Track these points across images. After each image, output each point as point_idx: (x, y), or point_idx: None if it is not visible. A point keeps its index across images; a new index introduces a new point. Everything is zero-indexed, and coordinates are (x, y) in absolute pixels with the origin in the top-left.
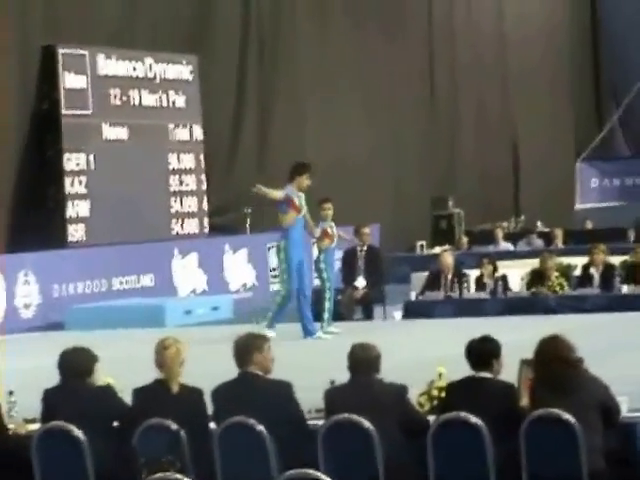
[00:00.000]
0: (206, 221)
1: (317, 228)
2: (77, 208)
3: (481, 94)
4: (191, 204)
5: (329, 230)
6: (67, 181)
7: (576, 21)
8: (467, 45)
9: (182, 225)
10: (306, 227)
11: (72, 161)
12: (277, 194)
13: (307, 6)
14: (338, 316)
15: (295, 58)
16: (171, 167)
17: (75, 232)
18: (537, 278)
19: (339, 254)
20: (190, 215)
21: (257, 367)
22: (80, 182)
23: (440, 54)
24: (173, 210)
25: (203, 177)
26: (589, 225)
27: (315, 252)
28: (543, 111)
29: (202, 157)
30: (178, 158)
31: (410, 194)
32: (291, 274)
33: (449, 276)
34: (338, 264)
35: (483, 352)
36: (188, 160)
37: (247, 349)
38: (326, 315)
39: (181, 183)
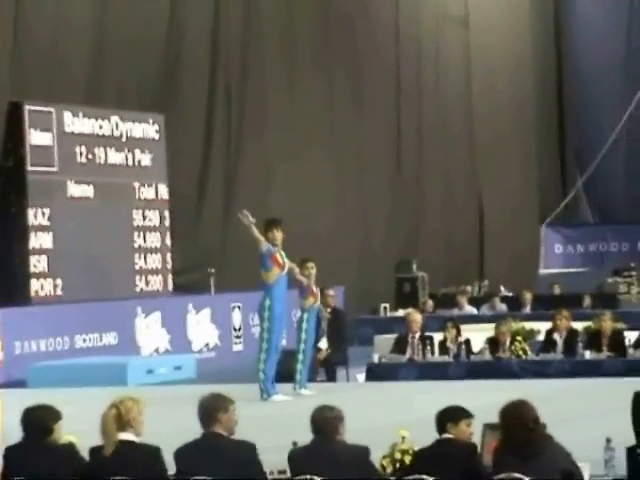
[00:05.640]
0: (170, 278)
1: (303, 284)
2: (41, 264)
3: (447, 160)
4: (155, 261)
5: (314, 289)
6: (32, 237)
7: (542, 92)
8: (434, 113)
9: (146, 282)
10: (294, 279)
11: (37, 218)
12: (260, 238)
13: (275, 68)
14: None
15: (262, 119)
16: (136, 224)
17: (39, 289)
18: (493, 345)
19: None
20: (154, 272)
21: (222, 427)
22: (45, 239)
23: (407, 121)
24: (137, 267)
25: (167, 234)
26: (557, 290)
27: (297, 312)
28: (508, 177)
29: (167, 215)
30: (143, 216)
31: (375, 257)
32: (273, 329)
33: (416, 336)
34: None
35: (439, 418)
36: (153, 217)
37: (212, 409)
38: (298, 376)
39: (145, 240)
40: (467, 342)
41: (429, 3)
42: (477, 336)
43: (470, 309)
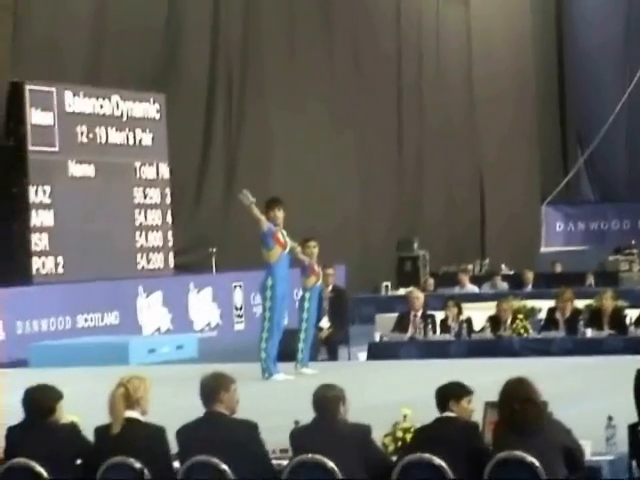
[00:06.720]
0: (171, 256)
1: (305, 263)
2: (42, 242)
3: (449, 140)
4: (156, 238)
5: (316, 268)
6: (33, 217)
7: (543, 72)
8: (435, 93)
9: (147, 260)
10: (296, 258)
11: (38, 195)
12: (260, 217)
13: (277, 47)
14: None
15: (264, 98)
16: (136, 202)
17: (40, 267)
18: (494, 323)
19: None
20: (155, 250)
21: (223, 406)
22: (46, 216)
23: (409, 100)
24: (138, 245)
25: (168, 212)
26: (558, 268)
27: (299, 291)
28: (510, 156)
29: (168, 193)
30: (144, 194)
31: (376, 236)
32: (275, 308)
33: (418, 314)
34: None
35: (441, 395)
36: (154, 196)
37: (214, 388)
38: (300, 355)
39: (146, 218)
40: (468, 320)
41: None
42: (478, 315)
43: (471, 287)
